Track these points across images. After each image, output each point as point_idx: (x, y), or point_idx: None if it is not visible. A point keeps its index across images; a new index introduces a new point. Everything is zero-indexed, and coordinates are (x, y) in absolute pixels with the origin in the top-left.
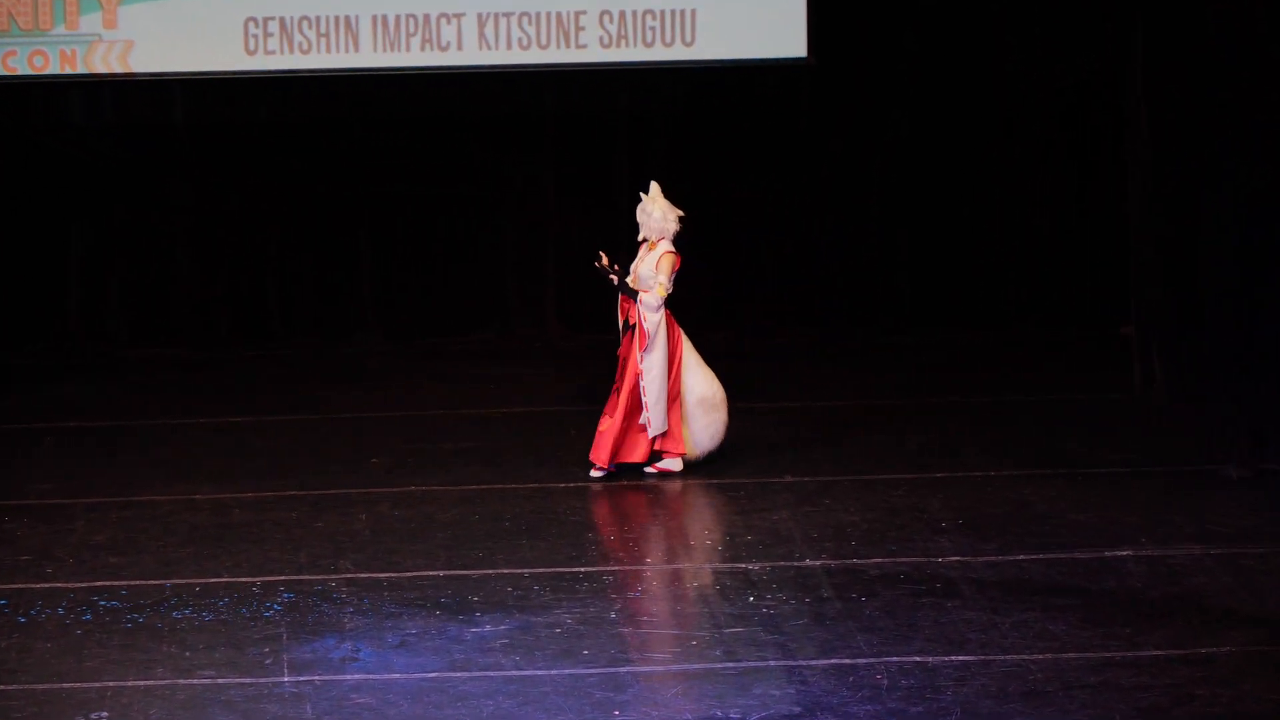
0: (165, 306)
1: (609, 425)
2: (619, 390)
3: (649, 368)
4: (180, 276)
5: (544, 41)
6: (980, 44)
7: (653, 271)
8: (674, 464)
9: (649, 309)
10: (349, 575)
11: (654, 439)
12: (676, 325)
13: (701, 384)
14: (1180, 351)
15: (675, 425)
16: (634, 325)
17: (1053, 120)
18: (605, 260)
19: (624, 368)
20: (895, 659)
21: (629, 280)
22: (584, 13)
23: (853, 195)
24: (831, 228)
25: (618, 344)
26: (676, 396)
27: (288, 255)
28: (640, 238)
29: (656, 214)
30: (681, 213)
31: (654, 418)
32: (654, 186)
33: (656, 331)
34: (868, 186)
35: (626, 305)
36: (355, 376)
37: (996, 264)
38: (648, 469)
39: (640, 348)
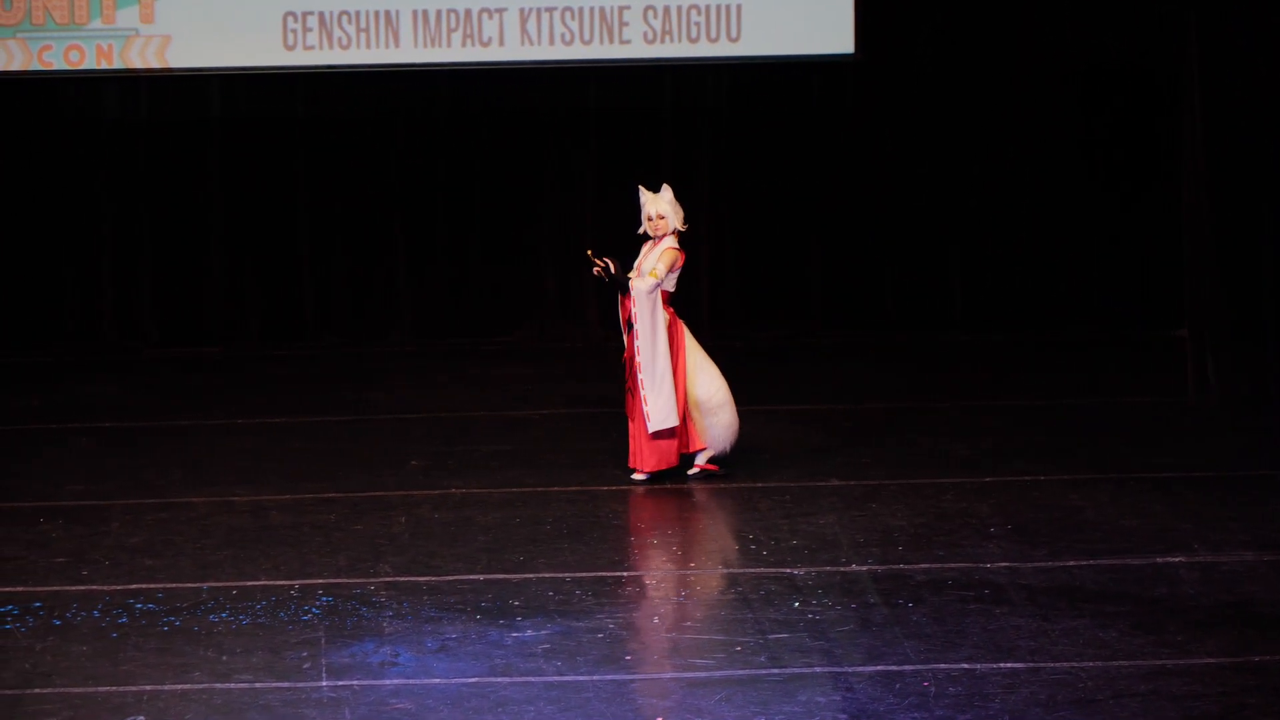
0: (199, 305)
1: (633, 431)
2: (632, 391)
3: (645, 360)
4: (214, 275)
5: (587, 37)
6: (1031, 40)
7: (653, 264)
8: (706, 454)
9: (641, 295)
10: (388, 579)
11: (673, 437)
12: (679, 322)
13: (700, 386)
14: (1235, 354)
15: (688, 420)
16: (635, 324)
17: (1106, 118)
18: (605, 262)
19: (631, 369)
20: (943, 666)
21: (631, 274)
22: (628, 8)
23: (901, 193)
24: (879, 226)
25: (623, 347)
26: (684, 394)
27: (323, 253)
28: (649, 233)
29: (670, 206)
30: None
31: (653, 411)
32: (666, 188)
33: (654, 320)
34: (916, 184)
35: (628, 304)
36: (392, 376)
37: (1048, 264)
38: (690, 472)
39: (637, 338)
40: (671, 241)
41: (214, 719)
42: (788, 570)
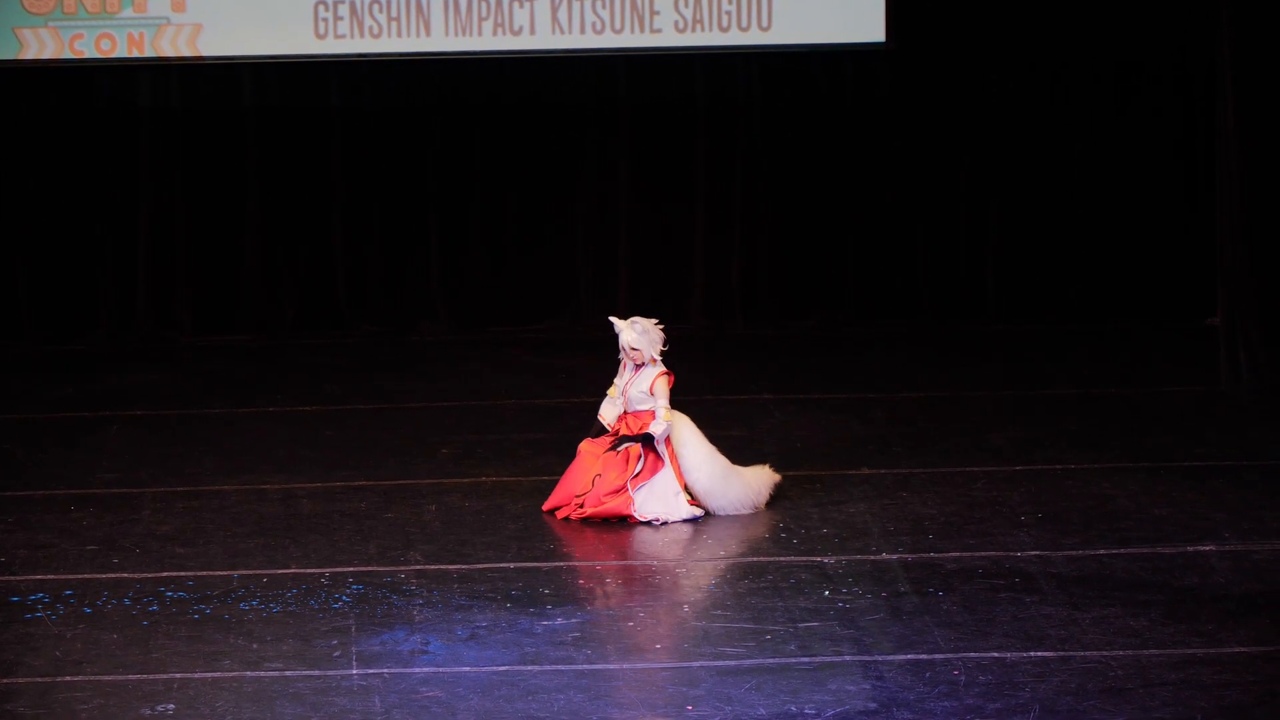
0: (233, 294)
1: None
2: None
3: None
4: (249, 264)
5: (618, 25)
6: (1065, 30)
7: (646, 394)
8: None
9: (663, 436)
10: (419, 567)
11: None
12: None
13: (697, 483)
14: (1267, 343)
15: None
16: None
17: (1138, 108)
18: (613, 438)
19: (603, 472)
20: (973, 655)
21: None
22: None
23: (935, 184)
24: (913, 216)
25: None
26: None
27: (357, 242)
28: (635, 359)
29: (641, 338)
30: (662, 326)
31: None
32: (636, 320)
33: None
34: (951, 175)
35: (627, 420)
36: (425, 365)
37: (1081, 255)
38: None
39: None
40: (658, 369)
41: (244, 707)
42: (818, 559)
